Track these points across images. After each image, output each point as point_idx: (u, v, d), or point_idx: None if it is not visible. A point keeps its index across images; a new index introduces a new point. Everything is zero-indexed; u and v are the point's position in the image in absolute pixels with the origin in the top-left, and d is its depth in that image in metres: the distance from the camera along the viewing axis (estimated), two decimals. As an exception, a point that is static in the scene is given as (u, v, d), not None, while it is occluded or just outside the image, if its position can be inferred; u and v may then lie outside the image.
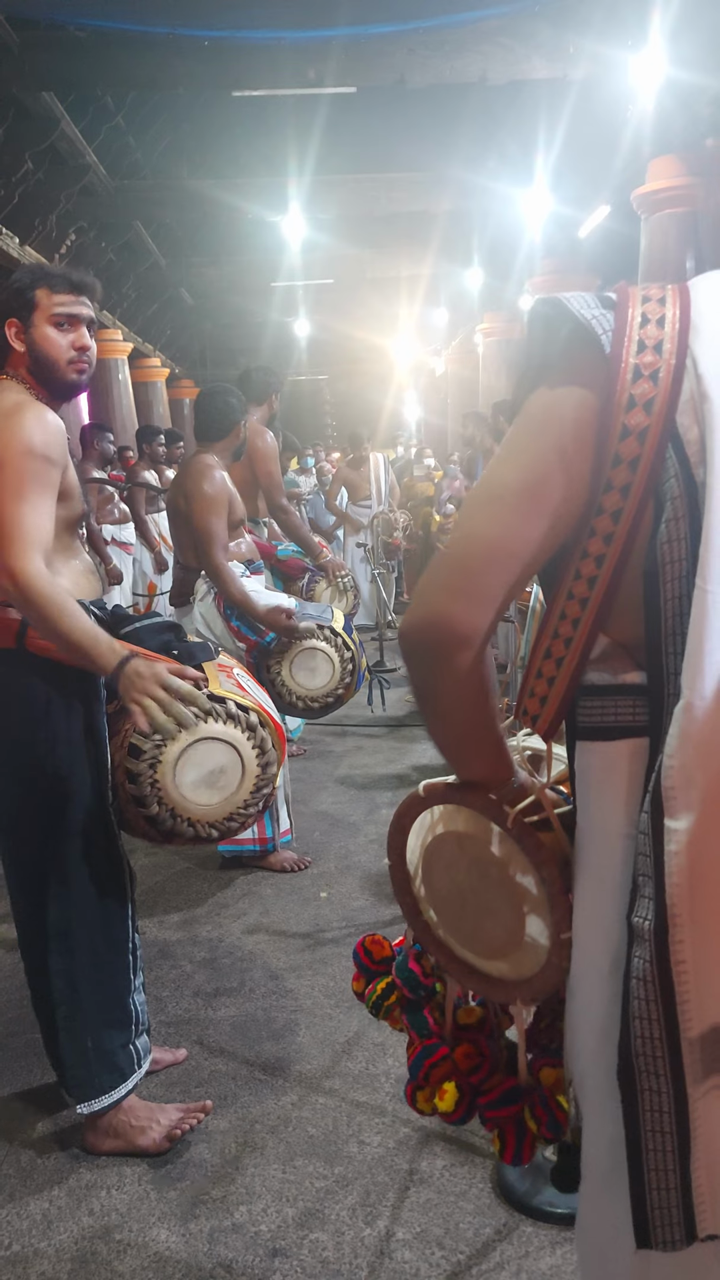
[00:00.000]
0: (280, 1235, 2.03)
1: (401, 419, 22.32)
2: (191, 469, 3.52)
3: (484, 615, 1.04)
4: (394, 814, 1.29)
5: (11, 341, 2.12)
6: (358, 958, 1.50)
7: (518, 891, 1.17)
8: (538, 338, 1.07)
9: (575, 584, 1.04)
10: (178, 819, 2.20)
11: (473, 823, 1.19)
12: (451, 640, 1.04)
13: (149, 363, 15.28)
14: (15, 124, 7.49)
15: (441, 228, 11.45)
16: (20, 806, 2.18)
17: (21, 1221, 2.10)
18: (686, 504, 0.97)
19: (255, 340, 18.05)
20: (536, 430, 1.05)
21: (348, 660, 3.67)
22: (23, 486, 1.96)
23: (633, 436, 0.98)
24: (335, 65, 6.71)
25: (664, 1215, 1.01)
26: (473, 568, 1.04)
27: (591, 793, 1.11)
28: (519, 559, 1.03)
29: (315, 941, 3.24)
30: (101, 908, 2.23)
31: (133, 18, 6.00)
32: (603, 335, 1.00)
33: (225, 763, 2.21)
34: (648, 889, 0.99)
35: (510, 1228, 2.01)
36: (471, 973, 1.28)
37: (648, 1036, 0.99)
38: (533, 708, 1.11)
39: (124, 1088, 2.26)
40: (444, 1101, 1.34)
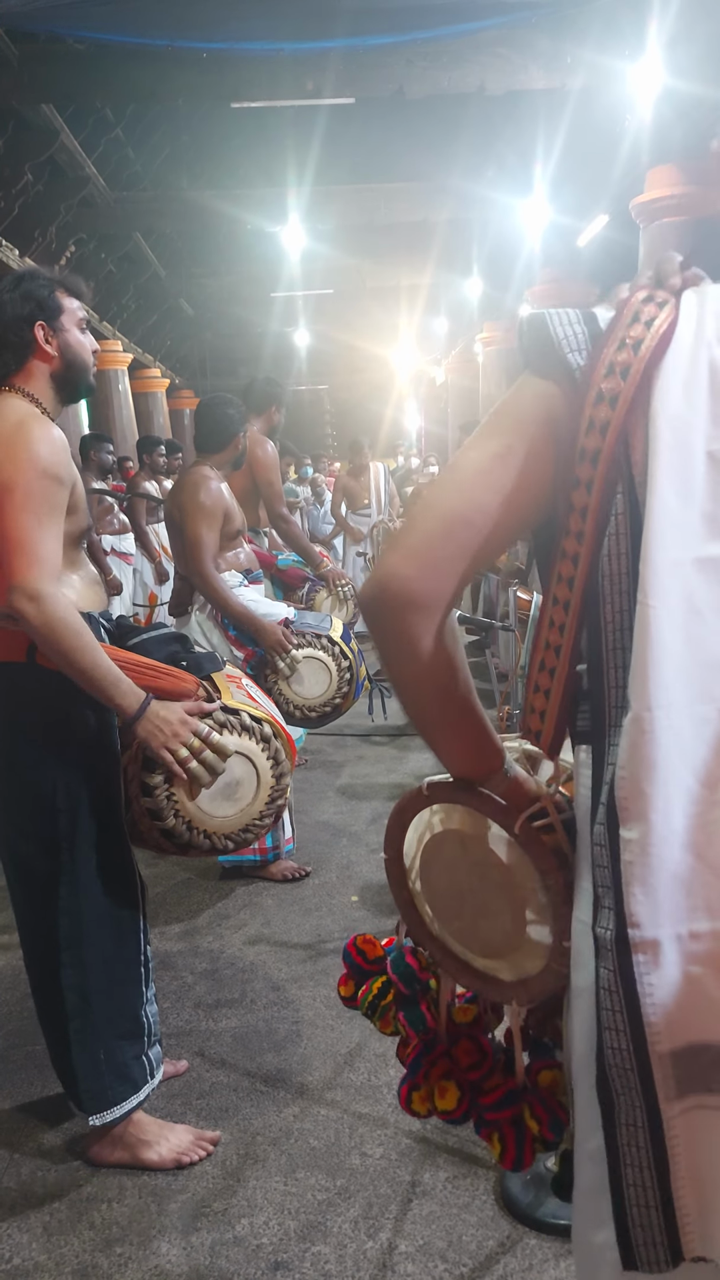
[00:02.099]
0: (282, 1248, 2.01)
1: (402, 428, 22.38)
2: (187, 480, 3.52)
3: (437, 580, 1.04)
4: (394, 808, 1.28)
5: (42, 345, 2.06)
6: (349, 957, 1.49)
7: (519, 896, 1.16)
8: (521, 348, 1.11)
9: (557, 587, 1.05)
10: (194, 831, 2.20)
11: (477, 824, 1.19)
12: (398, 602, 1.04)
13: (149, 373, 15.31)
14: (15, 136, 7.52)
15: (441, 237, 11.48)
16: (32, 820, 2.15)
17: (22, 1234, 2.09)
18: (629, 520, 0.98)
19: (255, 350, 18.11)
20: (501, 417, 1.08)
21: (345, 669, 3.67)
22: (39, 510, 1.92)
23: (595, 430, 0.99)
24: (334, 76, 6.73)
25: (646, 1235, 0.99)
26: (427, 531, 1.05)
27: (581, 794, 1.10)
28: (474, 527, 1.03)
29: (317, 952, 3.23)
30: (114, 920, 2.21)
31: (132, 30, 6.02)
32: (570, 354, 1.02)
33: (241, 774, 2.23)
34: (608, 899, 0.99)
35: (514, 1240, 2.00)
36: (466, 969, 1.27)
37: (617, 1048, 0.98)
38: (534, 724, 1.11)
39: (136, 1098, 2.24)
40: (445, 1100, 1.32)
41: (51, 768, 2.11)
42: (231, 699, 2.25)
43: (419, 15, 6.01)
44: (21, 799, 2.15)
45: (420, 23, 6.18)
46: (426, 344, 18.85)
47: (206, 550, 3.41)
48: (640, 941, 0.96)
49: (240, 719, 2.22)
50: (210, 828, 2.21)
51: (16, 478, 1.90)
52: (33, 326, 2.04)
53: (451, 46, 6.69)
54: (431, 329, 17.37)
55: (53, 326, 2.07)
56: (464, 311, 14.36)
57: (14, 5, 4.94)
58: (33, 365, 2.07)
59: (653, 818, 0.96)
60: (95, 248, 10.44)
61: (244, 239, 11.44)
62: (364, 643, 6.39)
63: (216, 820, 2.21)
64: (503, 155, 9.18)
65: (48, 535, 1.93)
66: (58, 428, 2.04)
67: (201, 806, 2.18)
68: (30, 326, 2.04)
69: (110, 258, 11.04)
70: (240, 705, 2.24)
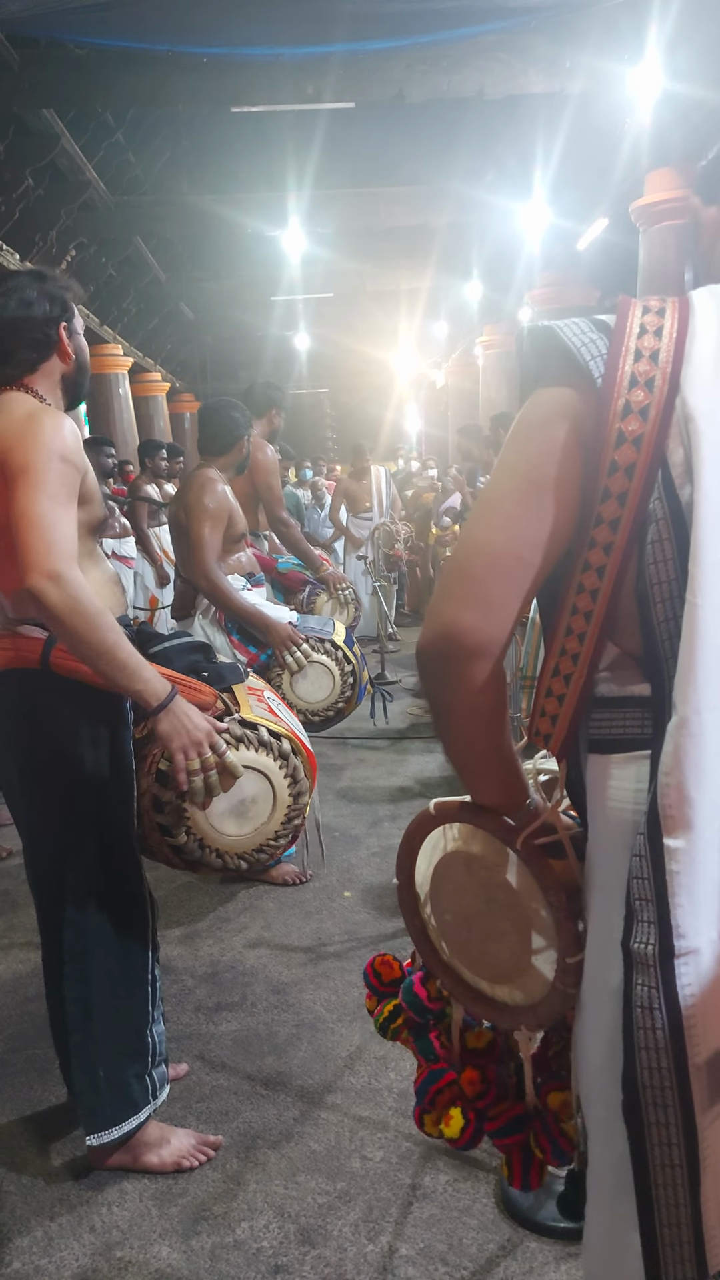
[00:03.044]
0: (282, 1252, 2.01)
1: (402, 431, 22.38)
2: (193, 482, 3.52)
3: (497, 625, 1.03)
4: (404, 833, 1.28)
5: (64, 345, 2.07)
6: (367, 979, 1.49)
7: (524, 916, 1.15)
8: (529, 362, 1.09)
9: (578, 597, 1.04)
10: (206, 849, 2.13)
11: (482, 844, 1.18)
12: (464, 652, 1.03)
13: (149, 377, 15.33)
14: (16, 141, 7.54)
15: (441, 241, 11.49)
16: (43, 829, 2.13)
17: (22, 1239, 2.09)
18: (671, 525, 0.98)
19: (256, 354, 18.11)
20: (527, 440, 1.06)
21: (348, 673, 3.67)
22: (55, 492, 1.86)
23: (628, 442, 0.98)
24: (334, 81, 6.75)
25: (676, 1252, 0.99)
26: (479, 575, 1.03)
27: (598, 805, 1.10)
28: (526, 564, 1.02)
29: (317, 956, 3.23)
30: (120, 936, 2.17)
31: (132, 35, 6.03)
32: (591, 361, 1.01)
33: (256, 792, 2.15)
34: (647, 913, 0.97)
35: (515, 1243, 2.00)
36: (478, 998, 1.26)
37: (654, 1067, 0.96)
38: (544, 727, 1.10)
39: (135, 1120, 2.20)
40: (449, 1128, 1.32)
41: (63, 777, 2.07)
42: (251, 713, 2.17)
43: (419, 20, 6.02)
44: (33, 807, 2.13)
45: (420, 27, 6.19)
46: (426, 347, 18.85)
47: (209, 551, 3.41)
48: (684, 951, 0.95)
49: (258, 734, 2.14)
50: (223, 846, 2.14)
51: (29, 460, 1.87)
52: (57, 326, 2.05)
53: (451, 51, 6.70)
54: (431, 332, 17.38)
55: (70, 328, 2.09)
56: (464, 315, 14.37)
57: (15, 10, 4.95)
58: (50, 364, 2.07)
59: (698, 824, 0.95)
60: (96, 252, 10.46)
61: (244, 243, 11.47)
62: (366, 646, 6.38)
63: (229, 839, 2.14)
64: (502, 159, 9.20)
65: (63, 517, 1.87)
66: (72, 422, 2.02)
67: (214, 824, 2.11)
68: (55, 326, 2.05)
69: (111, 262, 11.05)
70: (259, 719, 2.17)
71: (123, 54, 6.54)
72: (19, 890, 3.82)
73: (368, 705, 4.21)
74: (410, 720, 6.28)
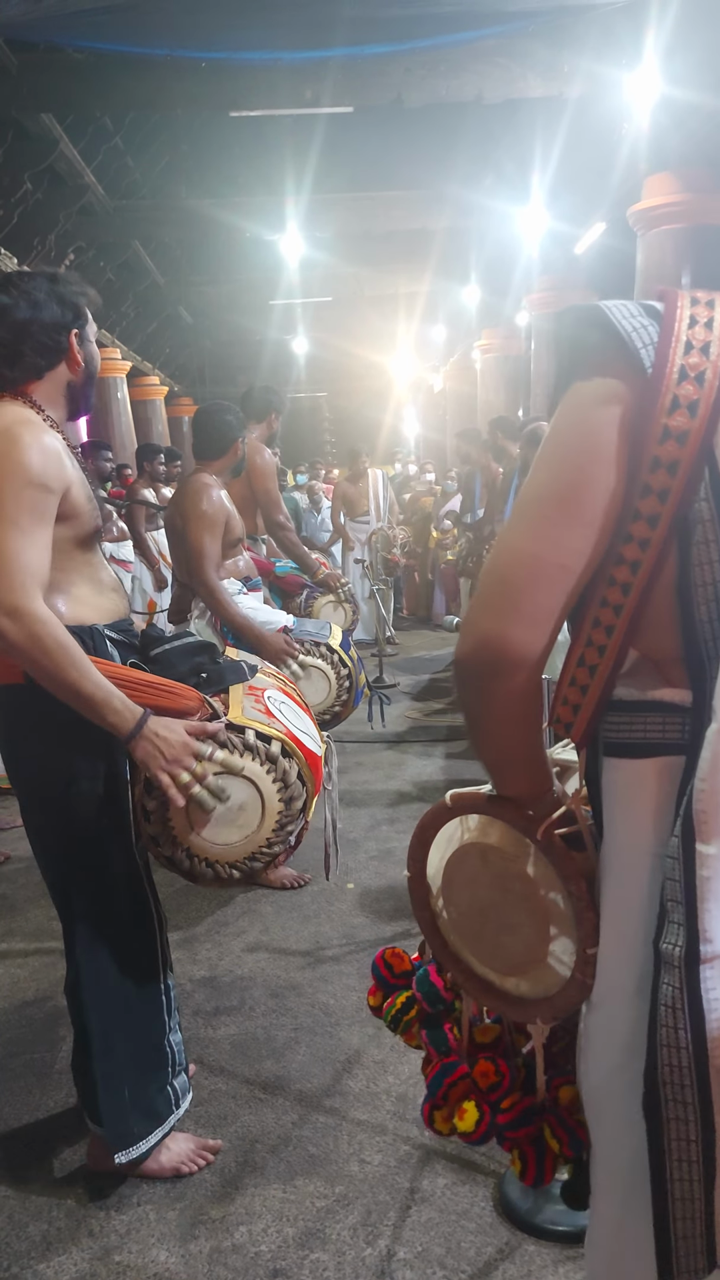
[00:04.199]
0: (281, 1255, 2.01)
1: (400, 435, 22.39)
2: (189, 487, 3.52)
3: (539, 635, 1.00)
4: (418, 825, 1.26)
5: (74, 353, 1.99)
6: (377, 970, 1.48)
7: (542, 907, 1.15)
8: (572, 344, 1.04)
9: (609, 590, 1.01)
10: (195, 860, 2.07)
11: (500, 835, 1.17)
12: (508, 664, 1.01)
13: (147, 380, 15.35)
14: (14, 145, 7.55)
15: (439, 245, 11.52)
16: (46, 849, 2.11)
17: (20, 1243, 2.08)
18: (717, 525, 0.96)
19: (254, 358, 18.14)
20: (569, 437, 1.02)
21: (345, 677, 3.66)
22: (19, 518, 1.78)
23: (673, 439, 0.95)
24: (332, 85, 6.77)
25: (689, 1245, 0.99)
26: (519, 585, 1.01)
27: (617, 809, 1.09)
28: (568, 571, 0.99)
29: (315, 959, 3.23)
30: (132, 953, 2.15)
31: (131, 40, 6.04)
32: (643, 349, 0.97)
33: (244, 799, 2.04)
34: (677, 914, 0.97)
35: (513, 1247, 2.00)
36: (489, 990, 1.25)
37: (675, 1065, 0.97)
38: (566, 715, 1.09)
39: (160, 1131, 2.20)
40: (464, 1121, 1.31)
41: (62, 789, 2.02)
42: (241, 715, 2.08)
43: (417, 24, 6.03)
44: (39, 822, 2.10)
45: (418, 32, 6.20)
46: (424, 351, 18.87)
47: (209, 559, 3.40)
48: (710, 956, 0.95)
49: (244, 738, 2.05)
50: (213, 856, 2.07)
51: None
52: (69, 333, 1.98)
53: (450, 55, 6.72)
54: (430, 336, 17.40)
55: (81, 335, 2.01)
56: (462, 319, 14.38)
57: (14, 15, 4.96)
58: (58, 371, 2.00)
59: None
60: (94, 256, 10.48)
61: (243, 247, 11.48)
62: (363, 650, 6.38)
63: (219, 848, 2.06)
64: (501, 163, 9.21)
65: (29, 545, 1.79)
66: (53, 434, 1.93)
67: (201, 834, 2.04)
68: (67, 332, 1.97)
69: (109, 266, 11.07)
70: (249, 722, 2.07)
71: (121, 58, 6.56)
72: (18, 894, 3.82)
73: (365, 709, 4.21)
74: (408, 724, 6.28)
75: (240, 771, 2.01)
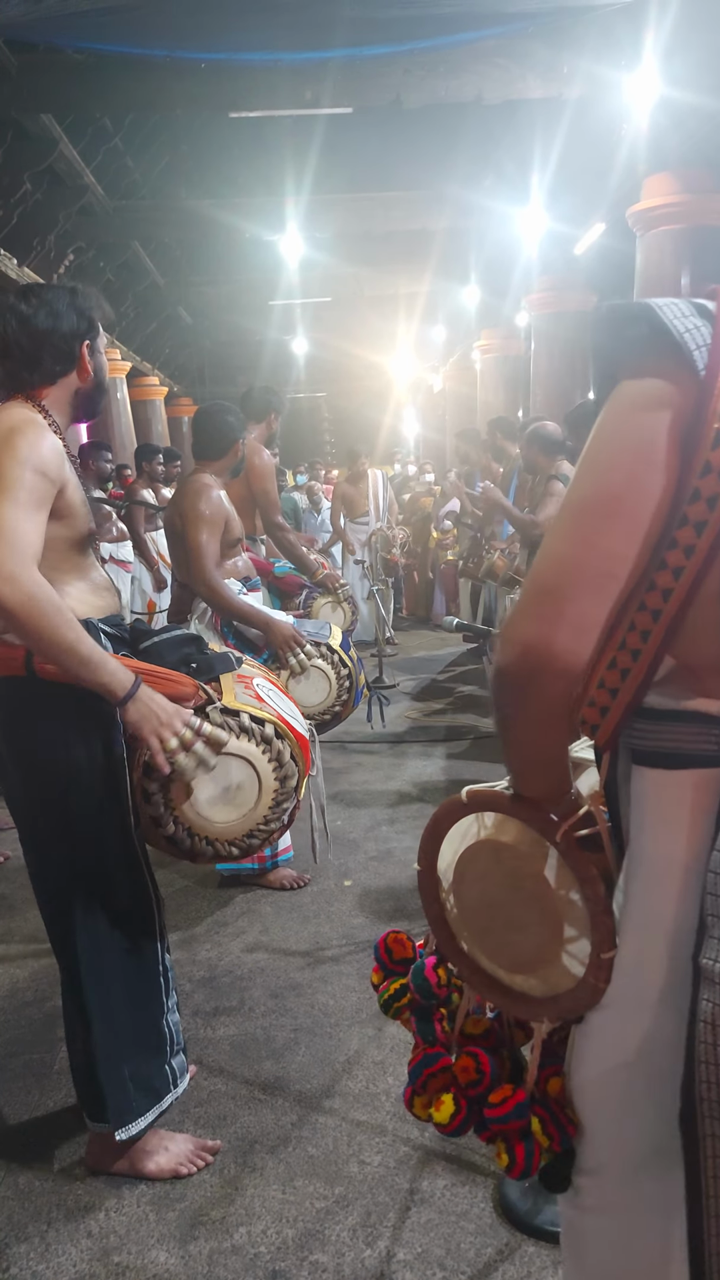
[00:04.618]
0: (280, 1257, 2.01)
1: (400, 435, 22.40)
2: (188, 488, 3.52)
3: (584, 643, 0.97)
4: (431, 818, 1.25)
5: (85, 361, 2.12)
6: (378, 952, 1.48)
7: (554, 907, 1.13)
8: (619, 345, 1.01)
9: (649, 595, 0.97)
10: (196, 838, 2.16)
11: (515, 833, 1.16)
12: (552, 673, 0.98)
13: (147, 381, 15.34)
14: (14, 145, 7.55)
15: (439, 246, 11.51)
16: (44, 834, 2.15)
17: (19, 1244, 2.08)
18: None
19: (254, 358, 18.14)
20: (618, 441, 0.98)
21: (345, 677, 3.66)
22: (19, 494, 1.88)
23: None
24: (332, 86, 6.76)
25: None
26: (564, 592, 0.98)
27: (647, 819, 1.07)
28: (614, 578, 0.96)
29: (315, 960, 3.23)
30: (131, 932, 2.20)
31: (131, 41, 6.03)
32: (696, 351, 0.93)
33: (241, 778, 2.16)
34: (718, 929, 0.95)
35: (512, 1248, 2.00)
36: (494, 985, 1.25)
37: (713, 1081, 0.95)
38: (592, 717, 1.05)
39: (158, 1108, 2.24)
40: (439, 1112, 1.31)
41: (59, 778, 2.09)
42: (235, 700, 2.19)
43: (416, 25, 6.03)
44: (35, 813, 2.15)
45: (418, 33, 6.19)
46: (424, 352, 18.87)
47: (209, 558, 3.41)
48: None
49: (239, 720, 2.16)
50: (212, 834, 2.16)
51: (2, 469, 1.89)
52: (82, 343, 2.10)
53: (449, 56, 6.72)
54: (429, 337, 17.39)
55: (93, 346, 2.13)
56: (462, 319, 14.38)
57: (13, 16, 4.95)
58: (70, 378, 2.11)
59: None
60: (94, 256, 10.47)
61: (242, 247, 11.47)
62: (363, 651, 6.39)
63: (218, 826, 2.16)
64: (500, 164, 9.21)
65: (25, 521, 1.88)
66: (55, 437, 2.03)
67: (200, 812, 2.13)
68: (80, 342, 2.10)
69: (109, 266, 11.07)
70: (243, 706, 2.18)
71: (121, 59, 6.55)
72: (17, 895, 3.82)
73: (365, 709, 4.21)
74: (408, 724, 6.28)
75: (225, 746, 2.11)
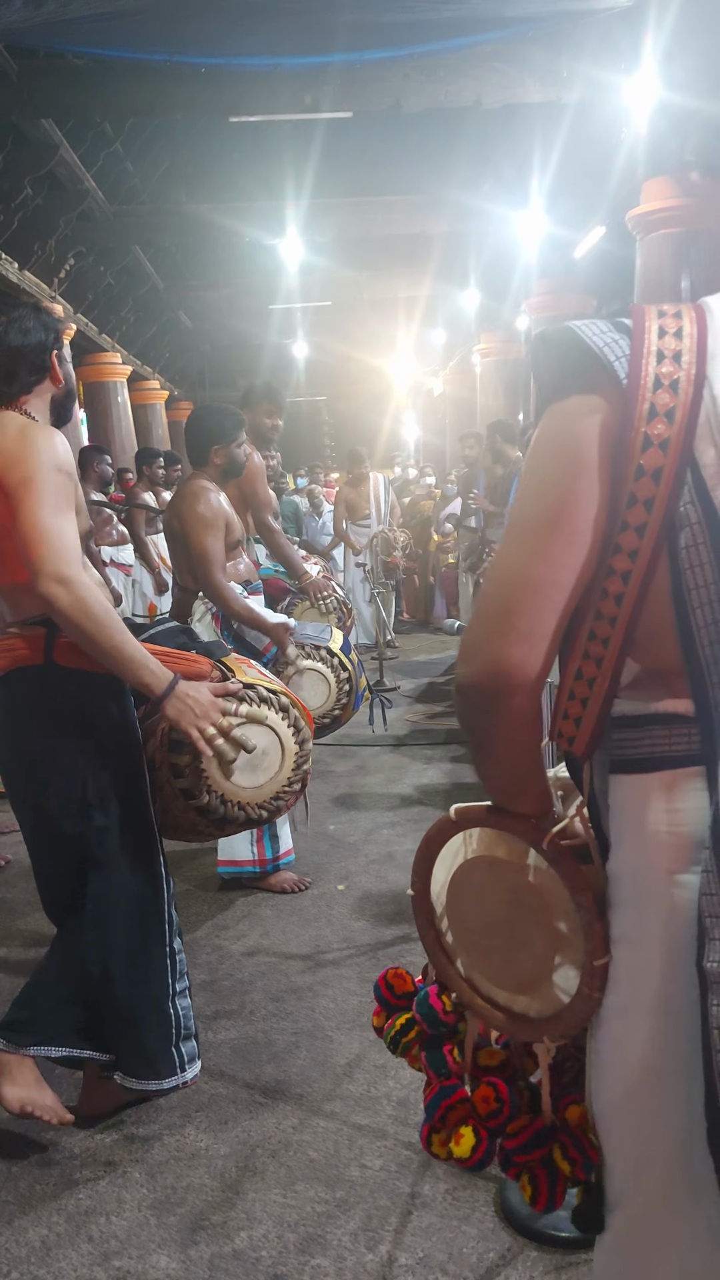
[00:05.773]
0: (281, 1261, 2.01)
1: (400, 439, 22.41)
2: (186, 492, 3.53)
3: (541, 655, 1.01)
4: (422, 840, 1.25)
5: (55, 371, 2.27)
6: (379, 992, 1.46)
7: (550, 920, 1.13)
8: (548, 366, 1.05)
9: (603, 602, 1.01)
10: (229, 805, 2.29)
11: (507, 848, 1.16)
12: (511, 687, 1.01)
13: (148, 385, 15.35)
14: (14, 150, 7.56)
15: (438, 250, 11.52)
16: (63, 816, 2.23)
17: (20, 1248, 2.08)
18: (706, 528, 0.96)
19: (254, 362, 18.13)
20: (553, 455, 1.03)
21: (344, 681, 3.66)
22: (55, 498, 2.04)
23: (655, 447, 0.96)
24: (332, 90, 6.78)
25: None
26: (516, 605, 1.01)
27: (627, 827, 1.07)
28: (564, 589, 1.00)
29: (315, 963, 3.22)
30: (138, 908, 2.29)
31: (131, 46, 6.05)
32: (616, 361, 0.98)
33: (266, 744, 2.32)
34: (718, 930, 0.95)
35: (514, 1252, 1.99)
36: (496, 1010, 1.24)
37: None
38: (568, 729, 1.09)
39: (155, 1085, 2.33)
40: (459, 1147, 1.28)
41: (79, 763, 2.20)
42: (245, 676, 2.36)
43: (416, 30, 6.04)
44: (52, 797, 2.23)
45: (417, 37, 6.21)
46: (424, 355, 18.89)
47: (214, 560, 3.42)
48: None
49: (257, 691, 2.32)
50: (243, 799, 2.30)
51: (30, 473, 2.04)
52: (51, 353, 2.27)
53: (448, 61, 6.74)
54: (429, 340, 17.41)
55: (60, 355, 2.30)
56: (461, 323, 14.41)
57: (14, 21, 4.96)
58: (44, 387, 2.28)
59: None
60: (94, 261, 10.48)
61: (242, 252, 11.47)
62: (364, 654, 6.39)
63: (248, 791, 2.31)
64: (499, 168, 9.23)
65: (67, 524, 2.04)
66: (62, 436, 2.19)
67: (232, 779, 2.27)
68: (49, 353, 2.27)
69: (109, 271, 11.08)
70: (255, 680, 2.35)
71: (121, 64, 6.57)
72: (17, 898, 3.82)
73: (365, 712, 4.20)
74: (409, 727, 6.28)
75: (264, 720, 2.30)
